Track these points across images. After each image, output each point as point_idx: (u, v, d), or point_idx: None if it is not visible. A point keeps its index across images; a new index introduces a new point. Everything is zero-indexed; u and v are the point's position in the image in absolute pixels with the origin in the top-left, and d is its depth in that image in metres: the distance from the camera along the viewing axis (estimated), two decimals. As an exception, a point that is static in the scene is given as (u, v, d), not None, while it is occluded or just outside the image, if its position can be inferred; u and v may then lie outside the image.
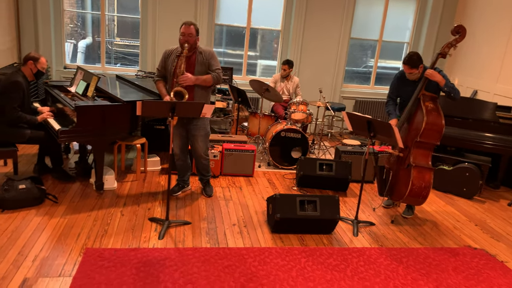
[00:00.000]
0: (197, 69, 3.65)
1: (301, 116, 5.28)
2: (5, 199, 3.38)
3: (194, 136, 3.81)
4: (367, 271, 3.04)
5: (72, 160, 4.67)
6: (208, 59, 3.68)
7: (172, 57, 3.68)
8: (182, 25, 3.58)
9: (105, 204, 3.69)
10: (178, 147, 3.88)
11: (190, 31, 3.55)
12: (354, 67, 7.17)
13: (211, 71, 3.70)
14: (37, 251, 2.89)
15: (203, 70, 3.68)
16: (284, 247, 3.25)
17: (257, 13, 6.54)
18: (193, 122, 3.76)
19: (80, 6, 6.14)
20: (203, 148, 3.86)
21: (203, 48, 3.70)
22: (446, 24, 6.90)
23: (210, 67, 3.70)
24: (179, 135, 3.84)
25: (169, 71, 3.70)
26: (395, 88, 3.98)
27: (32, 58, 3.79)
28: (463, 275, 3.12)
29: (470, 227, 3.99)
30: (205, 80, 3.67)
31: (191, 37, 3.56)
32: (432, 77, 3.58)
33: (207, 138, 3.88)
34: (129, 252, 2.98)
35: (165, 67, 3.74)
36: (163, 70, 3.77)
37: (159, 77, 3.80)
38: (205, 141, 3.86)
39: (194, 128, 3.78)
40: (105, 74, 6.10)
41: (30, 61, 3.78)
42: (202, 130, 3.80)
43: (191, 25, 3.57)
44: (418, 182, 3.64)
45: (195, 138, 3.82)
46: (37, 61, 3.81)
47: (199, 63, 3.65)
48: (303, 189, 4.52)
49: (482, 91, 6.13)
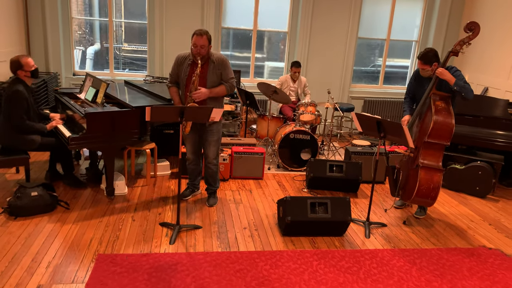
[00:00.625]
0: (209, 78, 3.58)
1: (310, 118, 5.26)
2: (18, 206, 3.41)
3: (207, 141, 3.77)
4: (380, 273, 3.01)
5: (82, 166, 4.71)
6: (221, 68, 3.60)
7: (185, 65, 3.60)
8: (194, 35, 3.43)
9: (116, 210, 3.71)
10: (191, 151, 3.84)
11: (203, 42, 3.42)
12: (362, 67, 7.13)
13: (224, 81, 3.64)
14: (50, 257, 2.92)
15: (215, 79, 3.60)
16: (295, 250, 3.24)
17: (264, 16, 6.54)
18: (208, 127, 3.71)
19: (88, 13, 6.20)
20: (214, 154, 3.83)
21: (215, 56, 3.59)
22: (455, 21, 6.83)
23: (223, 77, 3.62)
24: (192, 140, 3.79)
25: (181, 79, 3.64)
26: (412, 86, 3.95)
27: (17, 67, 3.63)
28: (478, 276, 3.07)
29: (484, 227, 3.93)
30: (218, 92, 3.61)
31: (203, 48, 3.44)
32: (442, 75, 3.54)
33: (219, 143, 3.85)
34: (141, 258, 2.99)
35: (177, 73, 3.68)
36: (176, 76, 3.70)
37: (172, 83, 3.75)
38: (217, 146, 3.83)
39: (208, 133, 3.73)
40: (113, 80, 6.16)
41: (19, 71, 3.65)
42: (215, 135, 3.76)
43: (204, 35, 3.42)
44: (426, 183, 3.59)
45: (208, 143, 3.78)
46: (22, 68, 3.65)
47: (211, 72, 3.57)
48: (313, 191, 4.50)
49: (493, 88, 6.06)
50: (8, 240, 3.09)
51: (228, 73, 3.64)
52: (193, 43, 3.44)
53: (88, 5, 6.16)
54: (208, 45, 3.47)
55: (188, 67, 3.58)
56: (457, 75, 3.56)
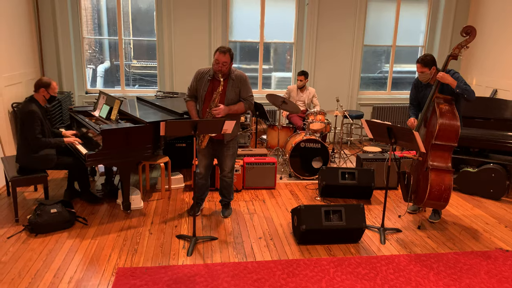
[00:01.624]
0: (228, 95, 3.62)
1: (320, 126, 5.31)
2: (38, 223, 3.49)
3: (224, 155, 3.80)
4: (397, 279, 3.02)
5: (98, 182, 4.79)
6: (240, 85, 3.65)
7: (204, 81, 3.64)
8: (217, 51, 3.48)
9: (133, 224, 3.77)
10: (204, 166, 3.85)
11: (225, 59, 3.47)
12: (369, 74, 7.17)
13: (243, 99, 3.69)
14: (71, 273, 2.98)
15: (234, 96, 3.65)
16: (312, 258, 3.26)
17: (270, 27, 6.64)
18: (224, 142, 3.74)
19: (97, 32, 6.35)
20: (230, 167, 3.87)
21: (235, 73, 3.65)
22: (460, 25, 6.85)
23: (242, 94, 3.67)
24: (206, 154, 3.80)
25: (200, 93, 3.67)
26: (413, 94, 4.05)
27: (44, 85, 3.82)
28: (496, 279, 3.06)
29: (500, 229, 3.91)
30: (237, 109, 3.66)
31: (225, 65, 3.49)
32: (443, 79, 3.60)
33: (235, 157, 3.88)
34: (160, 270, 3.03)
35: (196, 88, 3.72)
36: (194, 90, 3.74)
37: (190, 97, 3.78)
38: (233, 161, 3.87)
39: (224, 147, 3.77)
40: (125, 96, 6.28)
41: (42, 88, 3.82)
42: (231, 149, 3.80)
43: (227, 53, 3.47)
44: (437, 184, 3.61)
45: (225, 157, 3.81)
46: (48, 87, 3.84)
47: (230, 89, 3.62)
48: (326, 199, 4.52)
49: (502, 90, 6.05)
50: (30, 257, 3.16)
51: (247, 91, 3.69)
52: (215, 59, 3.49)
53: (98, 24, 6.32)
54: (230, 62, 3.53)
55: (208, 83, 3.63)
56: (456, 77, 3.63)
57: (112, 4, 6.24)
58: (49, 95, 3.88)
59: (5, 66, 4.87)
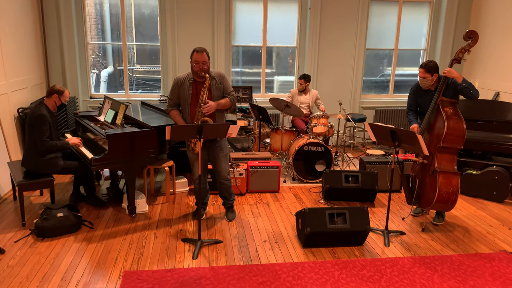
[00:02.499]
0: (214, 94, 3.69)
1: (323, 130, 5.34)
2: (45, 227, 3.52)
3: (217, 158, 3.83)
4: (401, 281, 3.04)
5: (103, 186, 4.83)
6: (222, 82, 3.73)
7: (186, 85, 3.67)
8: (194, 52, 3.54)
9: (138, 228, 3.80)
10: (201, 170, 3.83)
11: (204, 59, 3.54)
12: (371, 77, 7.20)
13: (227, 95, 3.76)
14: (78, 276, 3.01)
15: (219, 94, 3.73)
16: (316, 261, 3.28)
17: (272, 32, 6.69)
18: (216, 143, 3.79)
19: (100, 37, 6.41)
20: (226, 169, 3.91)
21: (214, 72, 3.73)
22: (462, 28, 6.89)
23: (225, 91, 3.75)
24: (201, 158, 3.76)
25: (184, 98, 3.68)
26: (412, 100, 4.07)
27: (58, 92, 3.92)
28: (501, 281, 3.07)
29: (504, 231, 3.92)
30: (225, 104, 3.72)
31: (205, 64, 3.56)
32: (450, 73, 3.65)
33: (228, 157, 3.93)
34: (166, 273, 3.06)
35: (178, 95, 3.73)
36: (176, 98, 3.75)
37: (172, 107, 3.79)
38: (227, 161, 3.91)
39: (217, 149, 3.80)
40: (129, 101, 6.33)
41: (55, 95, 3.91)
42: (224, 150, 3.85)
43: (204, 52, 3.54)
44: (445, 187, 3.63)
45: (219, 159, 3.84)
46: (61, 95, 3.94)
47: (214, 88, 3.68)
48: (330, 202, 4.54)
49: (504, 93, 6.07)
50: (38, 261, 3.19)
51: (228, 86, 3.79)
52: (194, 60, 3.55)
53: (101, 29, 6.38)
54: (208, 61, 3.61)
55: (191, 86, 3.66)
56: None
57: (115, 10, 6.31)
58: (60, 102, 3.96)
59: (11, 72, 4.93)
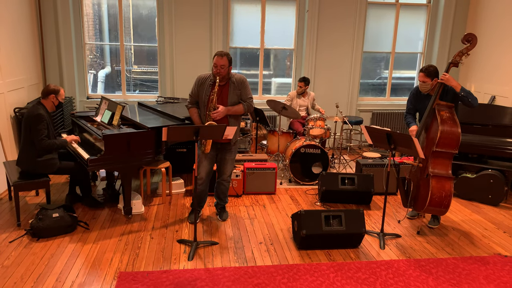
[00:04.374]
0: (230, 99, 3.68)
1: (319, 132, 5.35)
2: (40, 228, 3.51)
3: (225, 159, 3.85)
4: (396, 284, 3.04)
5: (99, 187, 4.82)
6: (241, 88, 3.71)
7: (206, 86, 3.69)
8: (215, 56, 3.57)
9: (134, 228, 3.79)
10: (206, 171, 3.83)
11: (223, 63, 3.55)
12: (368, 80, 7.23)
13: (243, 101, 3.75)
14: (73, 277, 3.00)
15: (235, 99, 3.71)
16: (312, 263, 3.28)
17: (270, 34, 6.70)
18: (227, 146, 3.80)
19: (98, 38, 6.40)
20: (230, 171, 3.94)
21: (236, 77, 3.72)
22: (459, 31, 6.93)
23: (242, 96, 3.74)
24: (209, 159, 3.81)
25: (202, 99, 3.71)
26: (411, 104, 4.08)
27: (54, 92, 3.91)
28: (495, 284, 3.08)
29: (499, 235, 3.94)
30: (236, 110, 3.71)
31: (223, 68, 3.56)
32: (448, 81, 3.64)
33: (234, 162, 3.95)
34: (161, 274, 3.06)
35: (197, 94, 3.76)
36: (196, 96, 3.78)
37: (192, 104, 3.82)
38: (232, 165, 3.93)
39: (228, 151, 3.82)
40: (126, 101, 6.32)
41: (52, 95, 3.91)
42: (233, 153, 3.87)
43: (224, 56, 3.55)
44: (437, 191, 3.64)
45: (226, 161, 3.86)
46: (58, 94, 3.94)
47: (231, 93, 3.68)
48: (326, 204, 4.55)
49: (500, 97, 6.10)
50: (33, 261, 3.18)
51: (247, 93, 3.76)
52: (214, 63, 3.57)
53: (99, 30, 6.37)
54: (228, 65, 3.59)
55: (210, 88, 3.68)
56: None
57: (113, 10, 6.30)
58: (58, 101, 3.96)
59: (8, 72, 4.91)
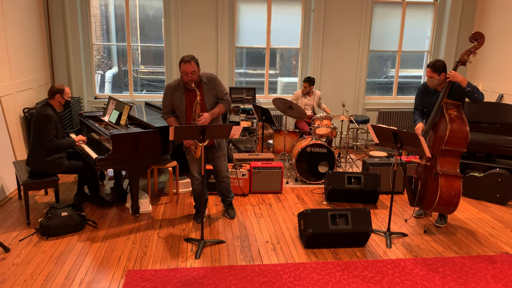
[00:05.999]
0: (207, 101, 3.62)
1: (326, 131, 5.35)
2: (50, 226, 3.56)
3: (217, 157, 3.86)
4: (403, 282, 3.04)
5: (107, 186, 4.87)
6: (214, 86, 3.63)
7: (178, 94, 3.59)
8: (181, 62, 3.40)
9: (142, 227, 3.83)
10: (198, 171, 3.83)
11: (192, 69, 3.41)
12: (374, 78, 7.21)
13: (221, 100, 3.70)
14: (82, 275, 3.04)
15: (212, 99, 3.65)
16: (318, 262, 3.29)
17: (276, 34, 6.71)
18: (214, 145, 3.82)
19: (105, 38, 6.46)
20: (225, 167, 3.95)
21: (205, 76, 3.61)
22: (466, 30, 6.88)
23: (219, 95, 3.67)
24: (199, 160, 3.79)
25: (179, 108, 3.61)
26: (419, 100, 4.06)
27: (58, 91, 3.95)
28: (503, 283, 3.07)
29: (507, 234, 3.92)
30: (219, 112, 3.67)
31: (194, 74, 3.43)
32: (454, 77, 3.63)
33: (226, 156, 3.95)
34: (169, 273, 3.09)
35: (172, 103, 3.64)
36: (170, 106, 3.67)
37: (168, 114, 3.71)
38: (226, 160, 3.94)
39: (217, 149, 3.83)
40: (133, 101, 6.37)
41: (58, 95, 3.95)
42: (223, 149, 3.88)
43: (192, 61, 3.40)
44: (447, 190, 3.63)
45: (219, 159, 3.87)
46: (63, 93, 3.97)
47: (206, 94, 3.61)
48: (332, 203, 4.55)
49: (508, 95, 6.06)
50: (42, 259, 3.23)
51: (221, 90, 3.69)
52: (183, 70, 3.41)
53: (106, 31, 6.43)
54: (197, 69, 3.47)
55: (183, 95, 3.58)
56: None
57: (120, 11, 6.35)
58: (64, 100, 4.00)
59: (17, 72, 4.98)
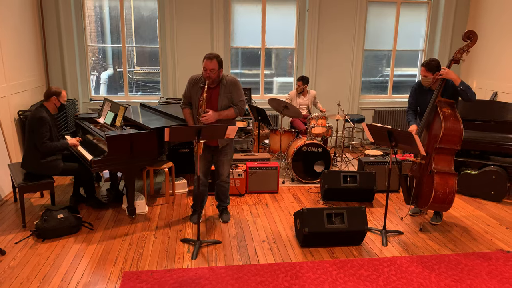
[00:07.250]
0: (220, 101, 3.63)
1: (321, 130, 5.36)
2: (46, 228, 3.55)
3: (221, 161, 3.85)
4: (399, 280, 3.06)
5: (103, 187, 4.86)
6: (232, 90, 3.63)
7: (197, 88, 3.64)
8: (204, 59, 3.48)
9: (138, 229, 3.83)
10: (203, 172, 3.85)
11: (212, 66, 3.46)
12: (370, 78, 7.24)
13: (234, 104, 3.69)
14: (78, 277, 3.04)
15: (226, 102, 3.64)
16: (314, 261, 3.30)
17: (271, 34, 6.72)
18: (222, 149, 3.79)
19: (100, 40, 6.45)
20: (227, 172, 3.93)
21: (227, 78, 3.63)
22: (460, 28, 6.92)
23: (233, 99, 3.66)
24: (204, 160, 3.81)
25: (194, 100, 3.69)
26: (413, 98, 4.07)
27: (55, 94, 3.95)
28: (497, 279, 3.09)
29: (502, 231, 3.94)
30: (228, 115, 3.65)
31: (213, 72, 3.48)
32: (448, 75, 3.65)
33: (231, 161, 3.95)
34: (165, 273, 3.09)
35: (190, 95, 3.73)
36: (189, 97, 3.75)
37: (185, 105, 3.80)
38: (230, 165, 3.94)
39: (222, 153, 3.81)
40: (129, 103, 6.36)
41: (54, 97, 3.95)
42: (229, 154, 3.85)
43: (214, 59, 3.45)
44: (441, 188, 3.65)
45: (222, 162, 3.86)
46: (59, 95, 3.97)
47: (222, 96, 3.62)
48: (328, 202, 4.56)
49: (502, 93, 6.10)
50: (38, 262, 3.22)
51: (238, 96, 3.67)
52: (203, 67, 3.49)
53: (101, 32, 6.41)
54: (218, 68, 3.51)
55: (200, 89, 3.62)
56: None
57: (115, 12, 6.34)
58: (60, 103, 3.99)
59: (12, 74, 4.96)
